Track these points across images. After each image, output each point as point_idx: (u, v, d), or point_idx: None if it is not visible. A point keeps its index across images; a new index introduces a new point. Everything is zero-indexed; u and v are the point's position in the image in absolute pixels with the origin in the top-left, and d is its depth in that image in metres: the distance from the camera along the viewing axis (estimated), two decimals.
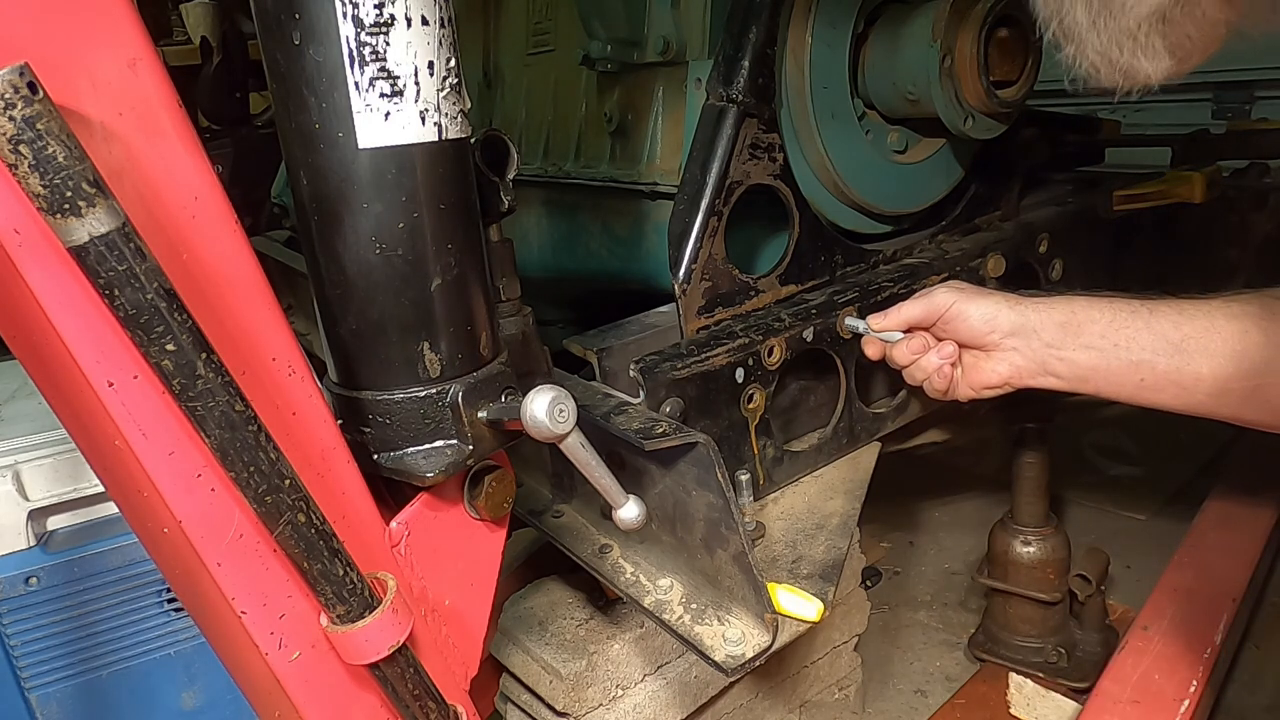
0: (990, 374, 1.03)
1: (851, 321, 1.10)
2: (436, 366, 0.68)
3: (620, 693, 1.07)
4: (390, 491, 0.74)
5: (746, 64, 1.02)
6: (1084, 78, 0.67)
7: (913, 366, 1.05)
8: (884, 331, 1.07)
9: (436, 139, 0.64)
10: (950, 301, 1.02)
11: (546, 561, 1.20)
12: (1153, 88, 0.67)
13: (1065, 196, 1.47)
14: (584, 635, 1.07)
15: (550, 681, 1.03)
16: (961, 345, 1.04)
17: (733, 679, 1.06)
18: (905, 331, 1.06)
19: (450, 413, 0.69)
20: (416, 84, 0.62)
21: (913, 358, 1.04)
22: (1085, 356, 0.97)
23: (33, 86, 0.44)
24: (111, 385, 0.54)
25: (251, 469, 0.55)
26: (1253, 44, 0.62)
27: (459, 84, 0.65)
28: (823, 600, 0.88)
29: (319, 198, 0.64)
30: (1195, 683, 1.17)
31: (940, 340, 1.04)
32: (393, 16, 0.60)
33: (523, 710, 1.11)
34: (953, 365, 1.03)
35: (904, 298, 1.09)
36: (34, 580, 1.28)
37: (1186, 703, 1.14)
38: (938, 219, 1.35)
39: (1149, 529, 1.95)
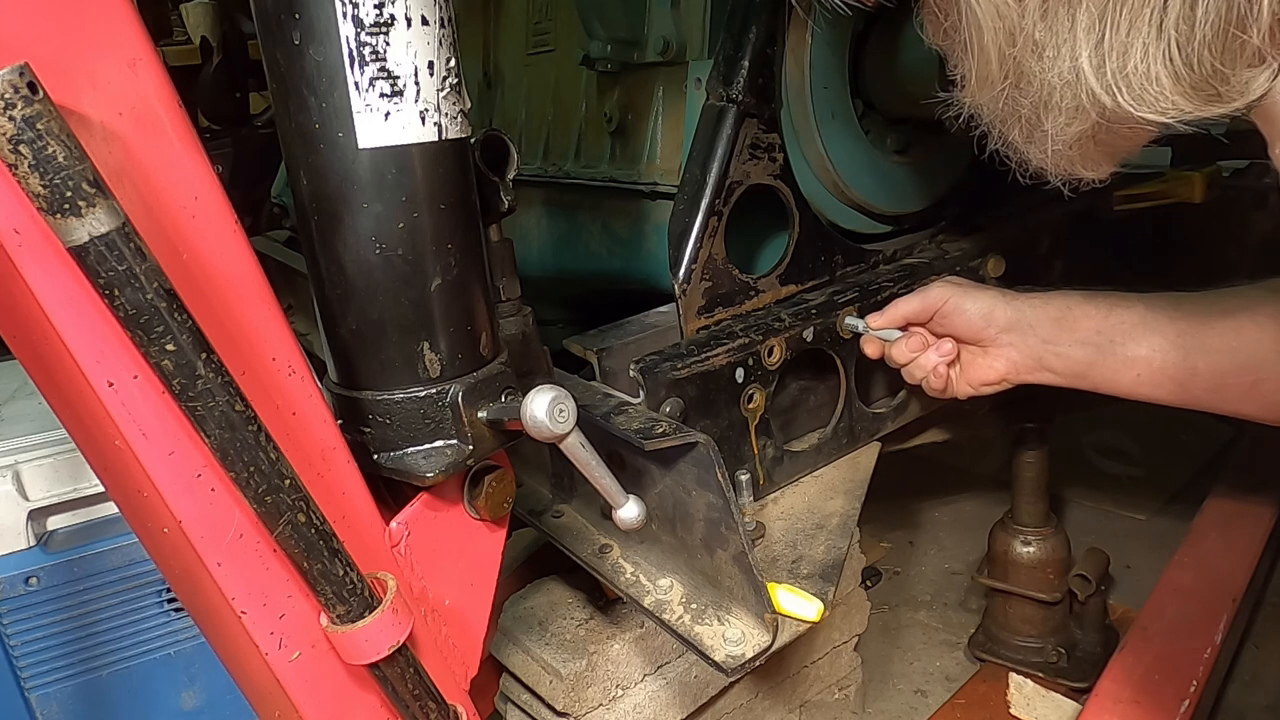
0: (987, 370, 1.03)
1: (851, 321, 1.10)
2: (436, 366, 0.68)
3: (620, 693, 1.07)
4: (390, 491, 0.74)
5: (746, 64, 1.02)
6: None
7: (911, 365, 1.05)
8: (882, 330, 1.07)
9: (436, 139, 0.64)
10: (946, 297, 1.02)
11: (546, 561, 1.20)
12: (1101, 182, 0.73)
13: (1065, 196, 1.47)
14: (584, 635, 1.07)
15: (550, 681, 1.03)
16: (959, 341, 1.04)
17: (733, 679, 1.06)
18: (903, 329, 1.06)
19: (450, 413, 0.69)
20: (416, 84, 0.62)
21: (911, 356, 1.04)
22: (1081, 352, 0.97)
23: (33, 86, 0.44)
24: (111, 385, 0.54)
25: (251, 469, 0.55)
26: None
27: (459, 84, 0.65)
28: (823, 600, 0.88)
29: (319, 198, 0.64)
30: (1195, 683, 1.17)
31: (938, 337, 1.04)
32: (393, 16, 0.60)
33: (523, 710, 1.11)
34: (949, 364, 1.03)
35: None
36: (34, 580, 1.28)
37: (1186, 703, 1.14)
38: (938, 219, 1.35)
39: (1149, 529, 1.95)
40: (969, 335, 1.02)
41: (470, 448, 0.69)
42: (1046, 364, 1.00)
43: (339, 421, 0.68)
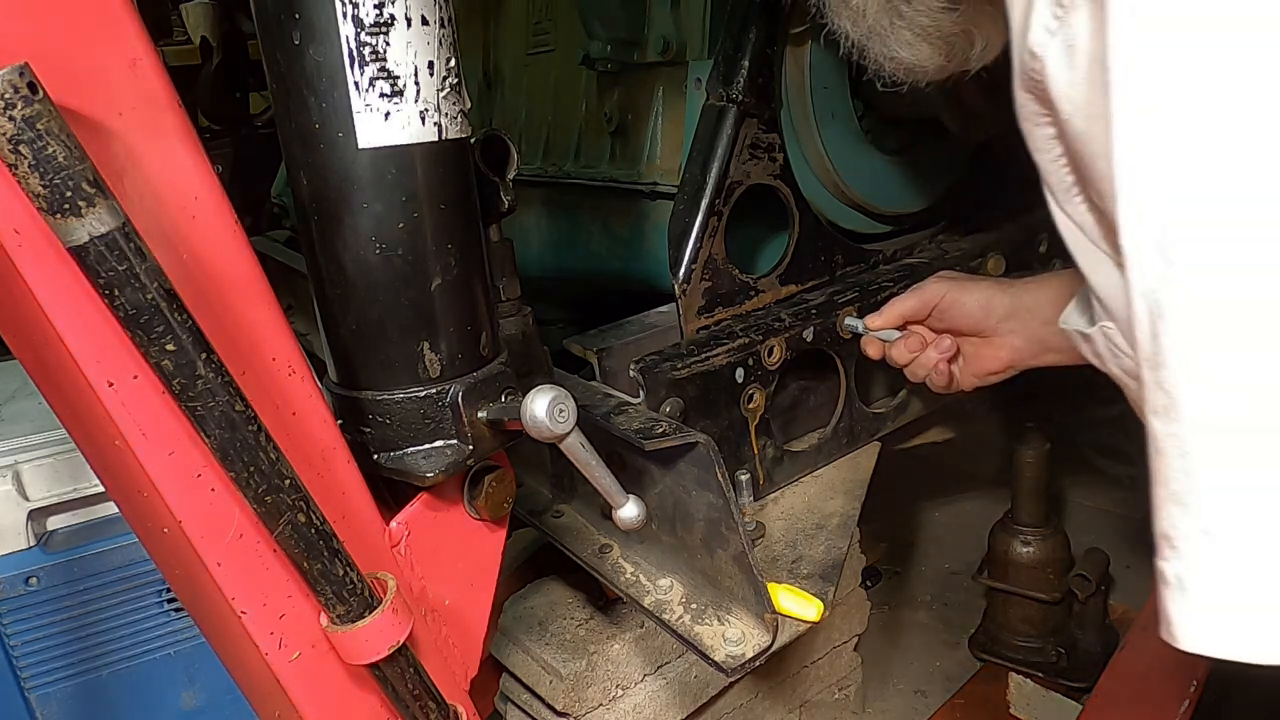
0: (991, 360, 1.02)
1: (850, 321, 1.10)
2: (436, 366, 0.68)
3: (620, 693, 1.07)
4: (390, 491, 0.74)
5: (746, 64, 1.02)
6: (887, 75, 0.78)
7: (913, 364, 1.05)
8: (881, 330, 1.06)
9: (436, 139, 0.64)
10: (943, 292, 1.01)
11: (546, 561, 1.20)
12: (935, 79, 0.78)
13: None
14: (584, 635, 1.07)
15: (550, 681, 1.03)
16: (959, 334, 1.03)
17: (733, 679, 1.06)
18: (902, 327, 1.06)
19: (450, 413, 0.69)
20: (416, 84, 0.62)
21: (911, 356, 1.04)
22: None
23: (33, 86, 0.44)
24: (111, 385, 0.54)
25: (251, 469, 0.55)
26: None
27: (459, 84, 0.65)
28: (823, 600, 0.88)
29: (319, 198, 0.64)
30: (1195, 683, 1.17)
31: (938, 333, 1.04)
32: (393, 16, 0.60)
33: (523, 710, 1.11)
34: (950, 360, 1.03)
35: None
36: (34, 580, 1.28)
37: (1186, 703, 1.14)
38: (938, 219, 1.35)
39: (1149, 529, 1.94)
40: (969, 328, 1.02)
41: (470, 448, 0.69)
42: (1051, 345, 0.99)
43: (339, 421, 0.68)
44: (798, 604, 0.87)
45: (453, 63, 0.64)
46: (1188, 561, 0.49)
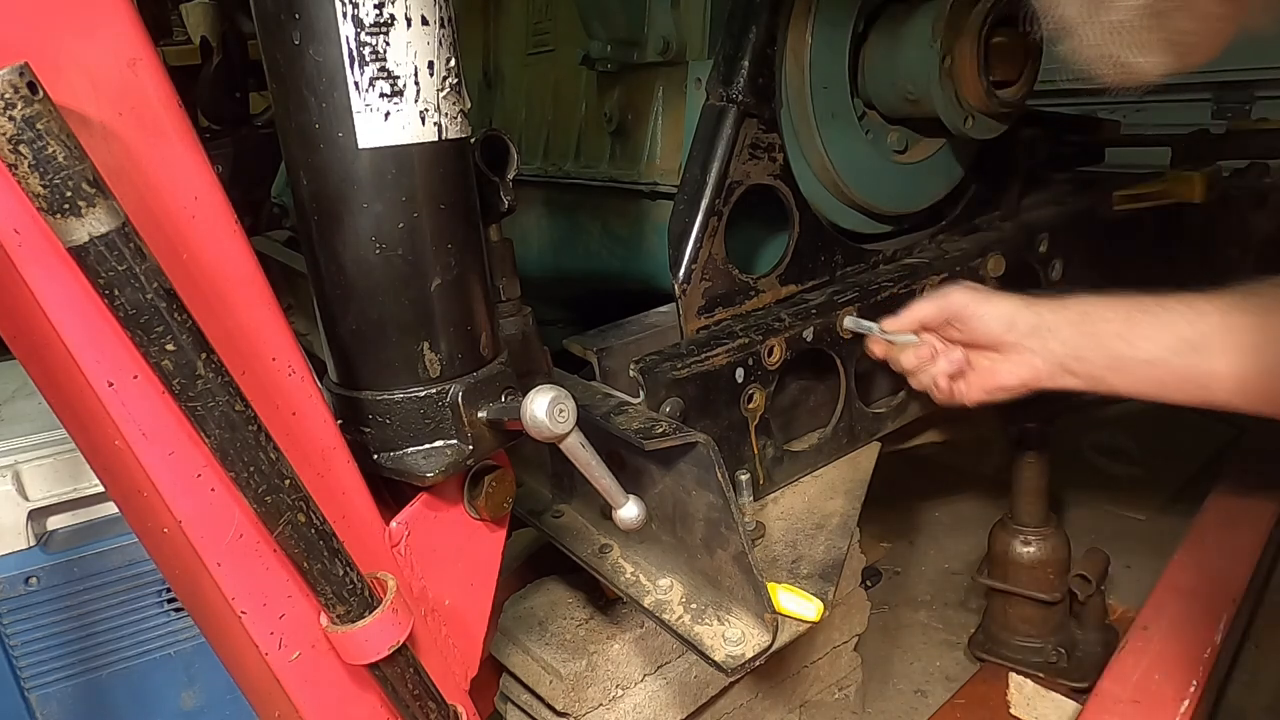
0: (1007, 376, 1.01)
1: (866, 324, 1.09)
2: (436, 366, 0.68)
3: (620, 693, 1.07)
4: (390, 491, 0.74)
5: (746, 64, 1.02)
6: (1084, 74, 0.68)
7: (921, 374, 1.04)
8: (896, 333, 1.05)
9: (436, 139, 0.64)
10: (965, 302, 1.00)
11: (546, 561, 1.20)
12: (1150, 84, 0.68)
13: (1065, 196, 1.47)
14: (584, 635, 1.07)
15: (550, 681, 1.03)
16: (974, 347, 1.02)
17: (733, 679, 1.07)
18: (916, 332, 1.05)
19: (450, 413, 0.69)
20: (416, 84, 0.62)
21: (918, 364, 1.03)
22: (1101, 357, 0.96)
23: (33, 86, 0.44)
24: (111, 385, 0.54)
25: (251, 469, 0.55)
26: (1253, 43, 0.62)
27: (459, 84, 0.66)
28: (823, 600, 0.88)
29: (319, 198, 0.64)
30: (1195, 683, 1.17)
31: (951, 344, 1.03)
32: (393, 16, 0.60)
33: (523, 710, 1.11)
34: (950, 379, 1.02)
35: (904, 298, 1.08)
36: (34, 580, 1.28)
37: (1186, 703, 1.14)
38: (938, 219, 1.35)
39: (1149, 529, 1.95)
40: (987, 340, 1.01)
41: (470, 448, 0.69)
42: (1069, 368, 0.98)
43: (339, 421, 0.68)
44: (798, 604, 0.87)
45: (453, 63, 0.64)
46: None
